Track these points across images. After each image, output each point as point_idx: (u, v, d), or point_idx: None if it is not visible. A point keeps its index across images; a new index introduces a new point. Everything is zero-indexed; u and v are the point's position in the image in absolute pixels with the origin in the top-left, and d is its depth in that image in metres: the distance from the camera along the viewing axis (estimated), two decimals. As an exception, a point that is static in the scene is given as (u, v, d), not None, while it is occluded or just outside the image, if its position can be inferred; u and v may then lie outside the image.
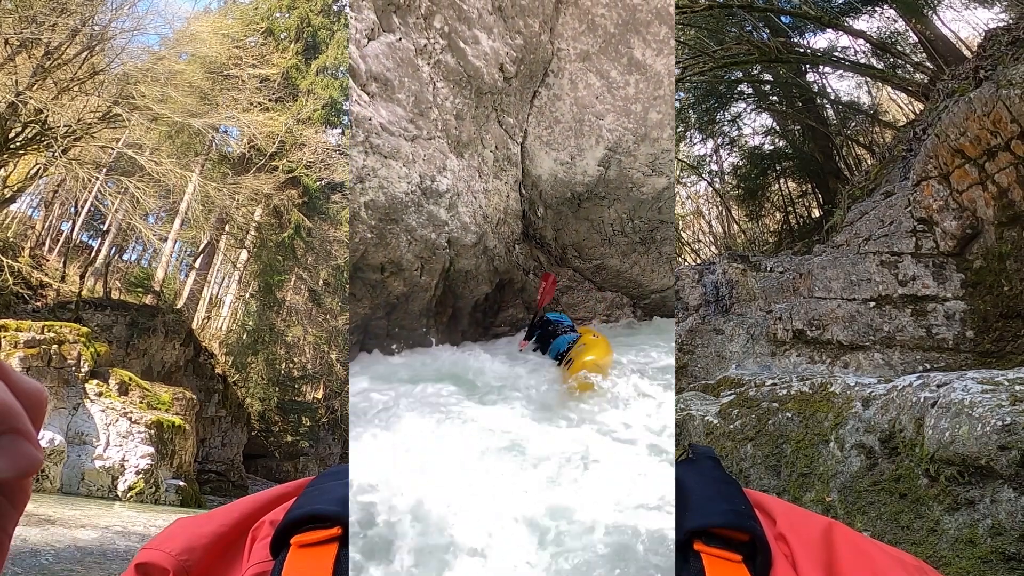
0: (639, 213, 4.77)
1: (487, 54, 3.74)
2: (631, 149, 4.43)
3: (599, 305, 5.00)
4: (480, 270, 4.24)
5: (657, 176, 4.64)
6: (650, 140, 4.45)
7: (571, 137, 4.19)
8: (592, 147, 4.31)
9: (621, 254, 4.89)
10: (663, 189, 4.73)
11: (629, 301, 5.14)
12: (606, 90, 4.21)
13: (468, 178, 3.99)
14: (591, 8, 3.98)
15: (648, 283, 5.11)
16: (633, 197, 4.68)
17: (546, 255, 4.72)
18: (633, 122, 4.35)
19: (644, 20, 4.11)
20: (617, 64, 4.17)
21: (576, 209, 4.59)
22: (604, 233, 4.77)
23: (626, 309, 5.09)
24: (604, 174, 4.49)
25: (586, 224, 4.68)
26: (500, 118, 4.05)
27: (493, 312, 4.49)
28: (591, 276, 4.95)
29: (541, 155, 4.22)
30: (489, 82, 3.81)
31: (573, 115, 4.19)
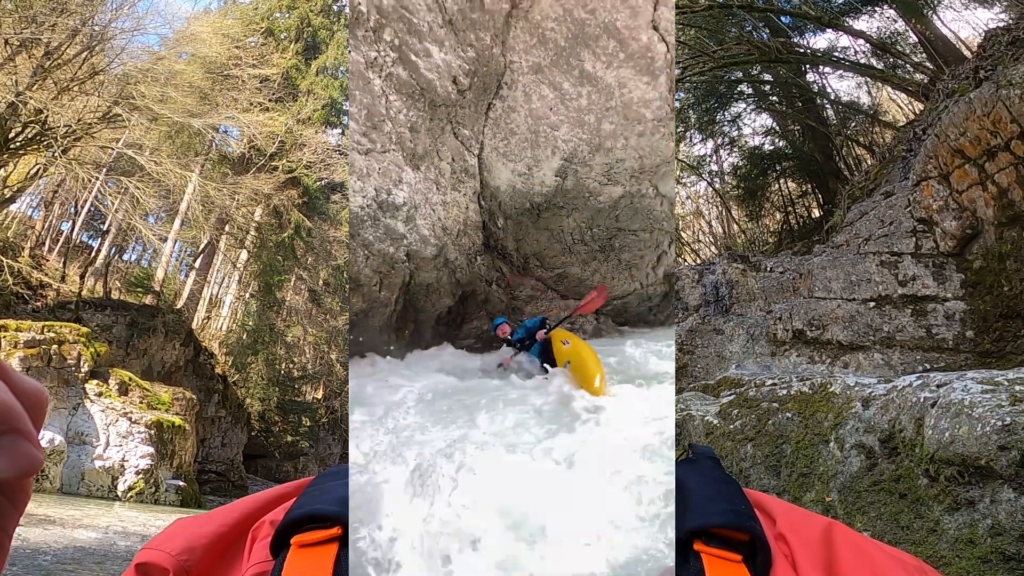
0: (597, 222, 4.82)
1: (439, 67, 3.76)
2: (586, 159, 4.47)
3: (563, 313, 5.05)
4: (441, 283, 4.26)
5: (613, 185, 4.69)
6: (604, 150, 4.50)
7: (527, 148, 4.23)
8: (548, 158, 4.35)
9: (582, 262, 4.94)
10: (619, 198, 4.78)
11: None
12: (559, 102, 4.26)
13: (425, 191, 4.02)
14: (541, 22, 4.02)
15: (609, 290, 5.17)
16: (591, 206, 4.73)
17: (508, 265, 4.74)
18: (587, 133, 4.40)
19: (593, 34, 4.17)
20: (569, 76, 4.22)
21: (536, 219, 4.63)
22: (564, 242, 4.81)
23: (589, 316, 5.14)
24: (561, 184, 4.53)
25: (546, 233, 4.72)
26: (455, 130, 4.08)
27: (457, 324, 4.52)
28: (554, 285, 5.00)
29: (498, 166, 4.25)
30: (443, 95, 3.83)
31: (528, 126, 4.22)
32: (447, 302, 4.36)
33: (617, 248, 5.05)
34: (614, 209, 4.85)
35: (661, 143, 4.72)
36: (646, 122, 4.59)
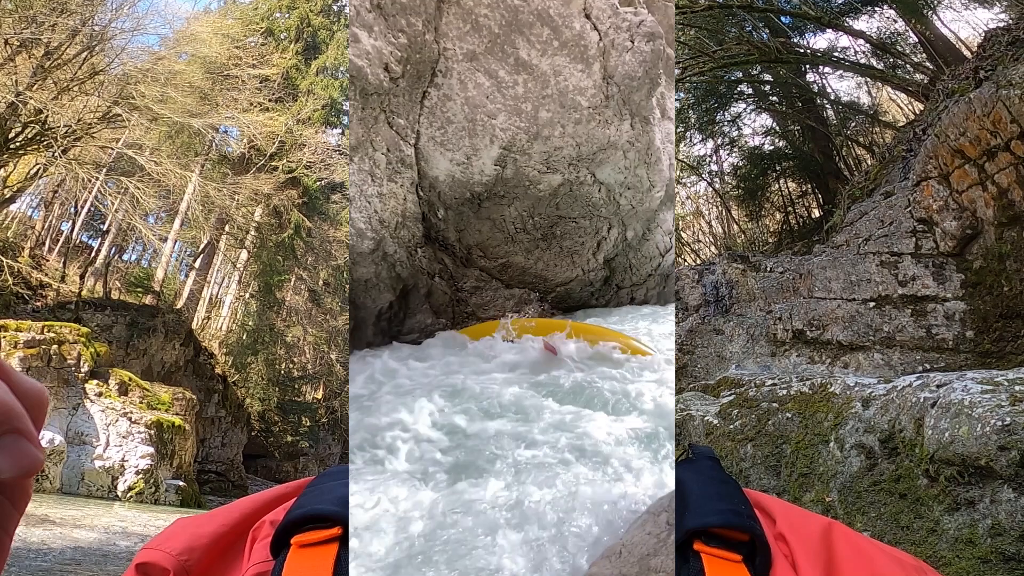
0: (538, 210, 4.81)
1: (369, 53, 3.72)
2: (525, 148, 4.45)
3: (508, 302, 5.03)
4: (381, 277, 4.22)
5: (552, 173, 4.69)
6: (542, 138, 4.49)
7: (465, 137, 4.19)
8: (487, 147, 4.31)
9: (525, 251, 4.93)
10: (559, 185, 4.78)
11: (536, 296, 5.21)
12: (496, 90, 4.23)
13: (360, 182, 3.98)
14: (474, 8, 4.00)
15: (553, 277, 5.20)
16: (531, 195, 4.71)
17: (451, 257, 4.70)
18: (525, 121, 4.38)
19: (527, 21, 4.16)
20: (504, 64, 4.20)
21: (477, 209, 4.57)
22: (507, 231, 4.78)
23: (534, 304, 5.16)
24: (501, 173, 4.49)
25: (488, 223, 4.68)
26: (390, 119, 4.04)
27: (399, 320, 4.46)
28: (498, 274, 4.97)
29: (436, 156, 4.20)
30: (374, 82, 3.79)
31: (465, 115, 4.17)
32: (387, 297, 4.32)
33: (559, 236, 5.05)
34: (554, 197, 4.85)
35: (597, 131, 4.73)
36: (582, 110, 4.61)
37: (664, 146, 5.59)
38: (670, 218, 6.14)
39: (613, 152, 4.93)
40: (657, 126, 5.36)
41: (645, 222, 5.72)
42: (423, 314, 4.45)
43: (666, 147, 5.65)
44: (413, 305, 4.44)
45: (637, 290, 5.91)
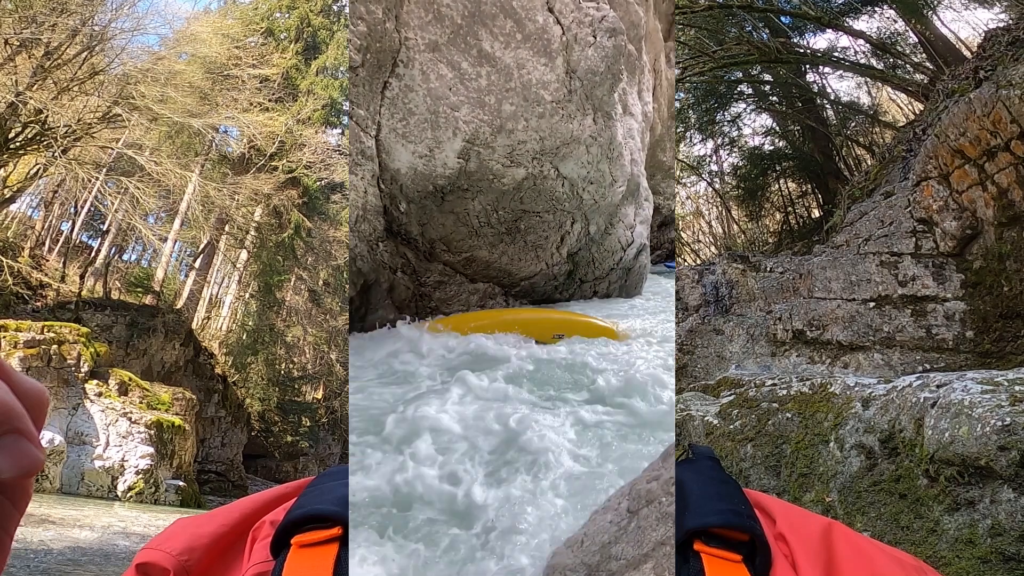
0: (502, 204, 4.76)
1: None
2: (488, 141, 4.40)
3: (472, 297, 4.99)
4: None
5: (516, 167, 4.64)
6: (506, 132, 4.44)
7: (427, 129, 4.12)
8: (450, 139, 4.23)
9: (489, 245, 4.87)
10: (522, 179, 4.74)
11: (500, 290, 5.18)
12: (459, 81, 4.17)
13: None
14: None
15: (517, 271, 5.18)
16: (495, 188, 4.66)
17: (413, 251, 4.64)
18: (488, 114, 4.33)
19: (490, 13, 4.13)
20: (467, 56, 4.15)
21: (440, 203, 4.49)
22: (470, 225, 4.72)
23: (498, 298, 5.12)
24: (464, 166, 4.41)
25: (451, 217, 4.60)
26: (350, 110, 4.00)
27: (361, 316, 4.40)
28: (461, 269, 4.90)
29: (398, 148, 4.13)
30: None
31: (427, 107, 4.10)
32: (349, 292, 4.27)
33: (523, 230, 5.01)
34: (518, 191, 4.79)
35: (560, 125, 4.71)
36: (545, 104, 4.58)
37: (626, 141, 5.58)
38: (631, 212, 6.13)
39: (576, 147, 4.90)
40: (619, 121, 5.35)
41: (607, 216, 5.70)
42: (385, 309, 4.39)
43: (628, 143, 5.64)
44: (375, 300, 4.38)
45: (600, 284, 5.91)
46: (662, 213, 10.25)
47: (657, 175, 9.67)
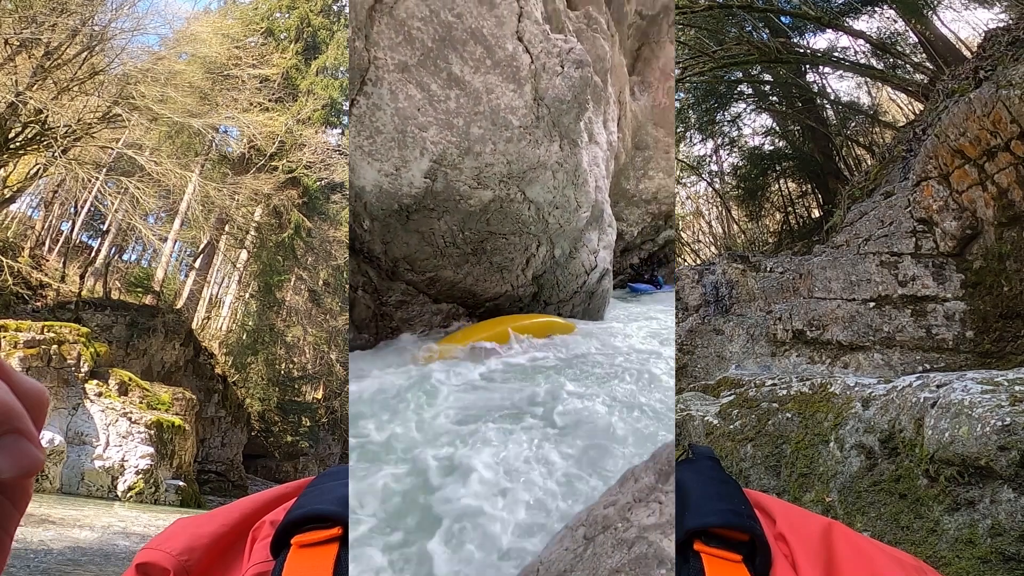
0: (468, 225, 4.79)
1: None
2: (456, 162, 4.43)
3: (436, 317, 5.00)
4: None
5: (483, 189, 4.67)
6: (474, 154, 4.47)
7: (394, 148, 4.14)
8: (417, 159, 4.26)
9: (454, 265, 4.89)
10: (489, 201, 4.77)
11: (464, 311, 5.20)
12: (427, 103, 4.19)
13: None
14: (407, 20, 3.98)
15: (482, 292, 5.21)
16: (462, 209, 4.68)
17: (376, 269, 4.65)
18: (456, 136, 4.36)
19: (460, 38, 4.16)
20: (437, 78, 4.18)
21: (405, 221, 4.50)
22: (436, 245, 4.73)
23: (462, 319, 5.14)
24: (431, 186, 4.44)
25: (416, 236, 4.61)
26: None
27: None
28: (425, 289, 4.92)
29: (363, 165, 4.15)
30: None
31: (395, 126, 4.12)
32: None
33: (488, 251, 5.04)
34: (485, 212, 4.83)
35: (527, 150, 4.76)
36: (513, 128, 4.62)
37: (591, 168, 5.65)
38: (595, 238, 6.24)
39: (543, 171, 4.95)
40: (584, 149, 5.42)
41: (572, 241, 5.77)
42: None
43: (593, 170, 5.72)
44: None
45: (563, 306, 6.01)
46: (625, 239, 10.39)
47: (621, 202, 9.79)
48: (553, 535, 0.63)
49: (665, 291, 10.31)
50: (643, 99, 9.63)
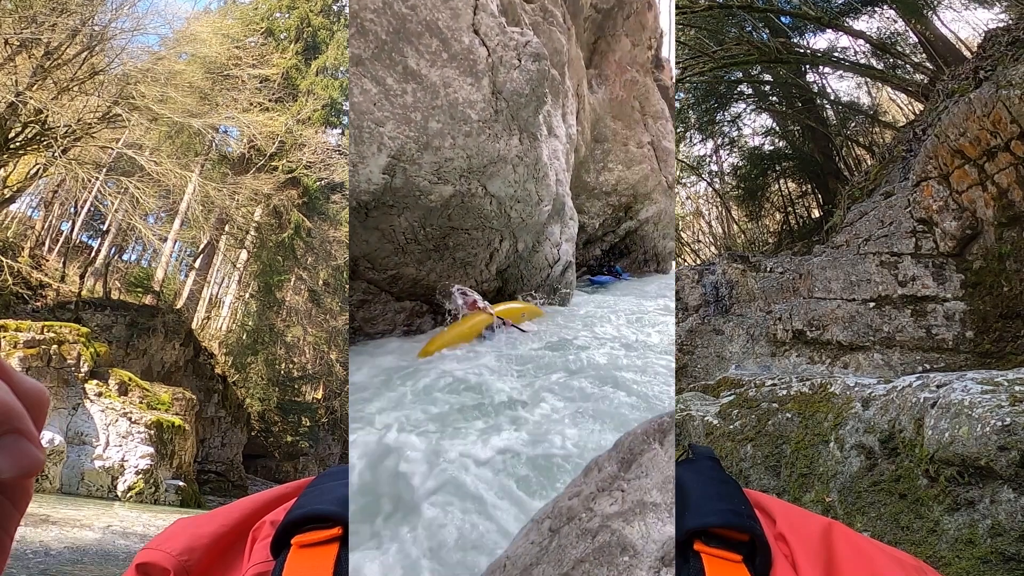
0: (430, 221, 4.74)
1: None
2: (415, 157, 4.37)
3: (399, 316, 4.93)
4: None
5: (443, 184, 4.62)
6: (433, 149, 4.42)
7: (351, 144, 4.13)
8: (374, 155, 4.19)
9: (416, 262, 4.83)
10: (450, 196, 4.73)
11: (429, 308, 5.14)
12: (383, 97, 4.14)
13: None
14: (359, 12, 3.93)
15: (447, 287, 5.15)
16: (422, 205, 4.62)
17: None
18: (414, 131, 4.30)
19: (415, 31, 4.12)
20: (392, 72, 4.13)
21: (364, 218, 4.44)
22: (396, 242, 4.67)
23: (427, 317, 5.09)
24: (390, 182, 4.37)
25: (376, 233, 4.54)
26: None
27: None
28: (387, 287, 4.84)
29: None
30: None
31: (351, 121, 4.08)
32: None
33: (451, 247, 5.00)
34: (446, 208, 4.77)
35: (487, 144, 4.72)
36: (472, 122, 4.57)
37: (551, 162, 5.64)
38: (557, 231, 6.24)
39: (503, 166, 4.92)
40: (544, 142, 5.40)
41: (535, 235, 5.76)
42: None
43: (553, 163, 5.70)
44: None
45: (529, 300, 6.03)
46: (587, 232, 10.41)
47: (582, 195, 9.78)
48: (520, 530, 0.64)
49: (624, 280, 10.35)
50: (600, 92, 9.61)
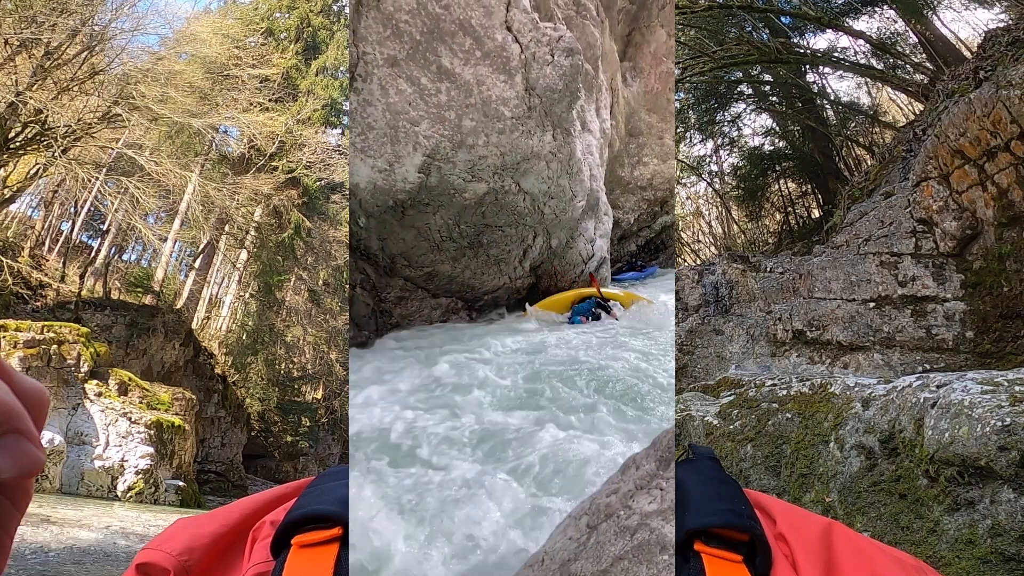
0: (464, 218, 4.77)
1: None
2: (449, 156, 4.40)
3: (435, 312, 4.98)
4: None
5: (477, 182, 4.64)
6: (467, 147, 4.44)
7: (387, 144, 4.11)
8: (410, 154, 4.22)
9: (451, 259, 4.87)
10: (484, 194, 4.74)
11: (464, 304, 5.18)
12: (418, 97, 4.16)
13: None
14: (394, 14, 3.95)
15: (480, 285, 5.22)
16: (457, 203, 4.65)
17: (373, 266, 4.62)
18: (448, 129, 4.32)
19: (448, 30, 4.13)
20: (427, 71, 4.15)
21: (400, 217, 4.48)
22: (432, 240, 4.71)
23: (461, 312, 5.13)
24: (425, 181, 4.40)
25: (412, 232, 4.59)
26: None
27: None
28: (423, 284, 4.90)
29: (356, 162, 4.13)
30: None
31: (387, 121, 4.08)
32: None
33: (485, 244, 5.03)
34: (480, 205, 4.80)
35: (521, 140, 4.72)
36: (505, 120, 4.58)
37: (585, 157, 5.63)
38: (591, 227, 6.24)
39: (536, 162, 4.93)
40: (578, 138, 5.40)
41: (568, 231, 5.77)
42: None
43: (587, 158, 5.69)
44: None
45: None
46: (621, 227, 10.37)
47: (616, 190, 9.73)
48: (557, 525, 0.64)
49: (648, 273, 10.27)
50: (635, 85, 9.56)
